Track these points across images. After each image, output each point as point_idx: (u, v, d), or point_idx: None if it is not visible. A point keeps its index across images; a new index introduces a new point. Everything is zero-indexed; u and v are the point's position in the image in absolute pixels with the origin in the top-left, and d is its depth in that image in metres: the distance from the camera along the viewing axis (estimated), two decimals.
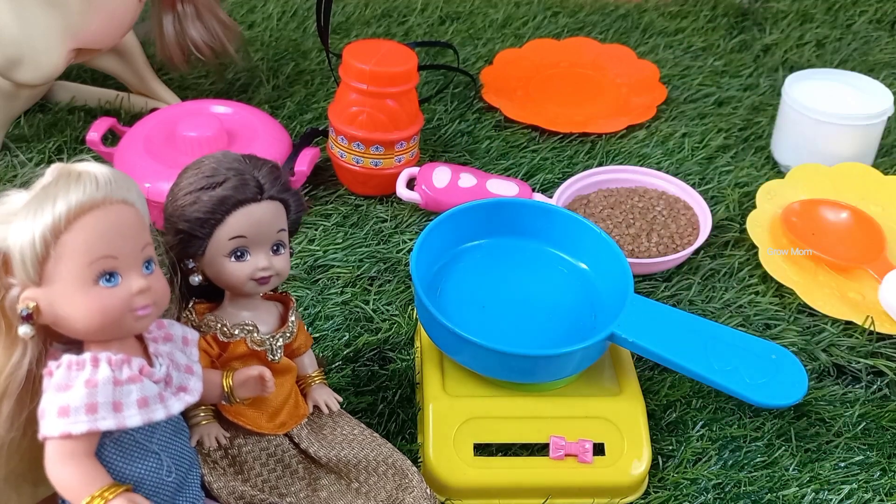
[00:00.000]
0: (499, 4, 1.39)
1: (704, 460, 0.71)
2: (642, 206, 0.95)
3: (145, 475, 0.52)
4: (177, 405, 0.52)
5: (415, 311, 0.82)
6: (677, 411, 0.75)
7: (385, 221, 0.95)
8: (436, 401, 0.69)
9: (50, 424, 0.48)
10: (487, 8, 1.38)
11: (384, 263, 0.89)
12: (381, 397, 0.74)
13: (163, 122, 0.96)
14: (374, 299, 0.85)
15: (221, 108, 0.99)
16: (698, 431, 0.73)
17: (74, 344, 0.51)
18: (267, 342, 0.62)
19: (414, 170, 0.96)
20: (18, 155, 1.01)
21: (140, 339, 0.53)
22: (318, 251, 0.90)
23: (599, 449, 0.68)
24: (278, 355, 0.63)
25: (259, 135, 0.95)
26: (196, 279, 0.60)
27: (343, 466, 0.64)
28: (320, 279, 0.87)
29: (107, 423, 0.48)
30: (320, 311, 0.83)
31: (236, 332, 0.61)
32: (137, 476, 0.51)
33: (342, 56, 0.93)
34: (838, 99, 1.01)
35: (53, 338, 0.52)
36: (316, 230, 0.93)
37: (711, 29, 1.33)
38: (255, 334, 0.61)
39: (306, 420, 0.65)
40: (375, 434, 0.66)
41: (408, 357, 0.78)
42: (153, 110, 1.04)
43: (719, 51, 1.28)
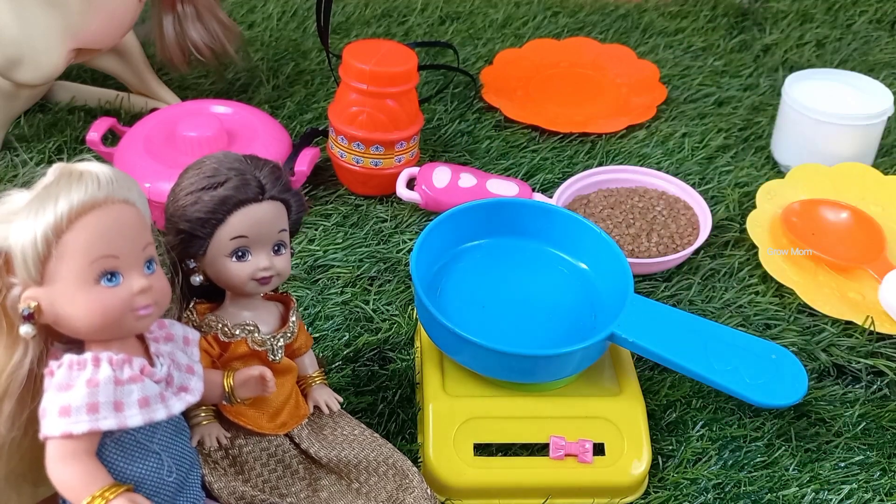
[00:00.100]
0: (499, 4, 1.39)
1: (704, 460, 0.71)
2: (642, 206, 0.95)
3: (146, 475, 0.52)
4: (178, 405, 0.52)
5: (415, 311, 0.82)
6: (677, 411, 0.75)
7: (385, 221, 0.95)
8: (436, 401, 0.69)
9: (51, 424, 0.48)
10: (487, 8, 1.38)
11: (384, 263, 0.89)
12: (381, 397, 0.74)
13: (163, 122, 0.96)
14: (374, 299, 0.85)
15: (221, 108, 0.99)
16: (698, 431, 0.73)
17: (75, 344, 0.51)
18: (268, 342, 0.62)
19: (414, 170, 0.96)
20: (19, 154, 1.01)
21: (141, 339, 0.53)
22: (318, 251, 0.90)
23: (599, 449, 0.68)
24: (279, 355, 0.63)
25: (259, 135, 0.95)
26: (197, 279, 0.60)
27: (343, 467, 0.64)
28: (320, 279, 0.87)
29: (108, 423, 0.48)
30: (320, 311, 0.83)
31: (237, 333, 0.61)
32: (138, 476, 0.51)
33: (342, 56, 0.93)
34: (838, 99, 1.01)
35: (55, 337, 0.51)
36: (316, 230, 0.93)
37: (711, 29, 1.33)
38: (256, 334, 0.61)
39: (307, 420, 0.65)
40: (376, 434, 0.66)
41: (408, 357, 0.78)
42: (153, 110, 1.04)
43: (719, 51, 1.28)
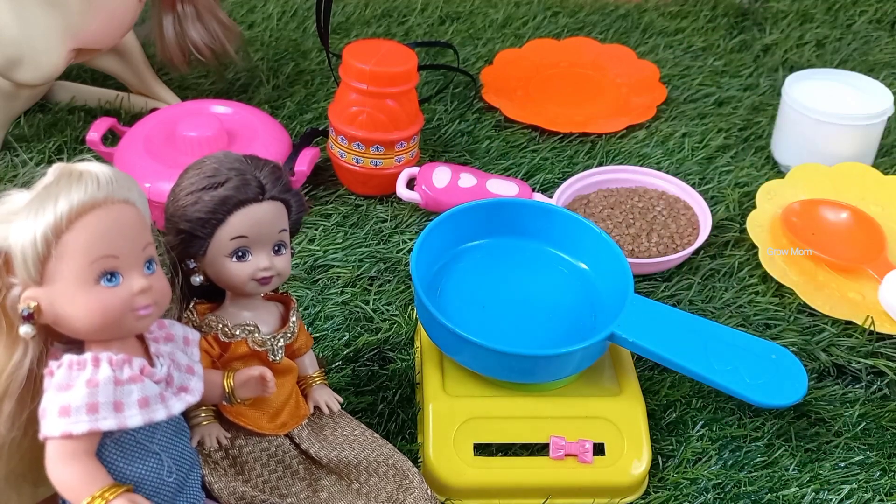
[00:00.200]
0: (499, 4, 1.39)
1: (704, 460, 0.71)
2: (642, 206, 0.95)
3: (146, 475, 0.51)
4: (178, 405, 0.52)
5: (415, 311, 0.82)
6: (677, 411, 0.75)
7: (385, 221, 0.95)
8: (436, 401, 0.69)
9: (51, 424, 0.48)
10: (487, 8, 1.38)
11: (384, 263, 0.89)
12: (381, 397, 0.74)
13: (163, 122, 0.96)
14: (374, 299, 0.85)
15: (221, 108, 0.99)
16: (698, 431, 0.73)
17: (75, 344, 0.51)
18: (268, 342, 0.62)
19: (414, 170, 0.96)
20: (19, 154, 1.01)
21: (141, 340, 0.53)
22: (318, 251, 0.90)
23: (599, 449, 0.68)
24: (279, 356, 0.63)
25: (259, 135, 0.95)
26: (197, 279, 0.60)
27: (343, 467, 0.64)
28: (320, 279, 0.87)
29: (108, 423, 0.48)
30: (320, 311, 0.83)
31: (237, 333, 0.61)
32: (138, 476, 0.51)
33: (342, 56, 0.93)
34: (838, 99, 1.01)
35: (54, 338, 0.51)
36: (316, 230, 0.93)
37: (711, 29, 1.33)
38: (257, 334, 0.61)
39: (307, 421, 0.65)
40: (376, 435, 0.66)
41: (408, 357, 0.78)
42: (153, 110, 1.04)
43: (719, 51, 1.28)
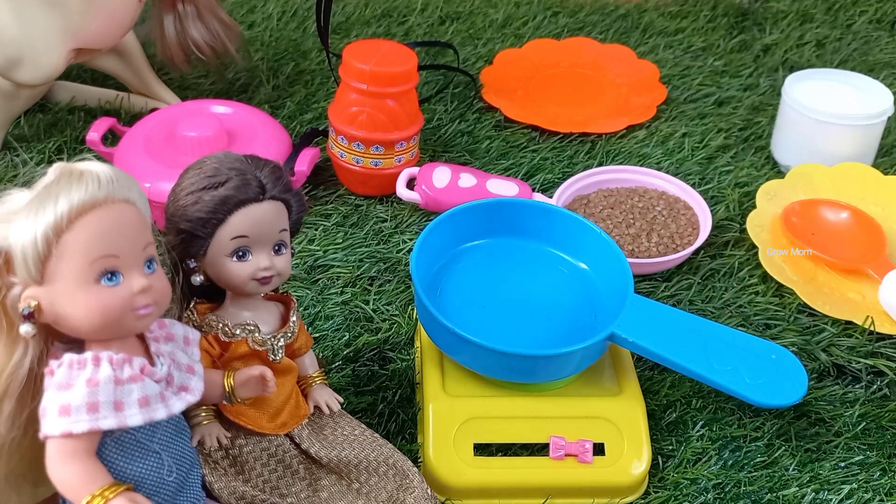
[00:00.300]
0: (499, 4, 1.39)
1: (704, 460, 0.71)
2: (642, 206, 0.95)
3: (146, 474, 0.52)
4: (178, 404, 0.52)
5: (415, 311, 0.82)
6: (677, 411, 0.75)
7: (385, 221, 0.95)
8: (436, 401, 0.69)
9: (51, 423, 0.48)
10: (487, 8, 1.38)
11: (384, 263, 0.89)
12: (381, 397, 0.74)
13: (163, 122, 0.96)
14: (374, 299, 0.85)
15: (221, 108, 0.99)
16: (698, 431, 0.73)
17: (76, 343, 0.51)
18: (268, 342, 0.62)
19: (414, 170, 0.96)
20: (19, 154, 1.01)
21: (141, 339, 0.53)
22: (318, 251, 0.90)
23: (599, 449, 0.68)
24: (279, 355, 0.63)
25: (259, 135, 0.95)
26: (198, 279, 0.60)
27: (344, 467, 0.64)
28: (320, 279, 0.87)
29: (108, 423, 0.48)
30: (320, 311, 0.83)
31: (238, 332, 0.61)
32: (138, 475, 0.51)
33: (342, 56, 0.93)
34: (838, 99, 1.01)
35: (55, 337, 0.52)
36: (316, 230, 0.93)
37: (711, 29, 1.33)
38: (257, 334, 0.61)
39: (307, 420, 0.65)
40: (376, 434, 0.66)
41: (408, 357, 0.78)
42: (153, 110, 1.04)
43: (719, 51, 1.28)
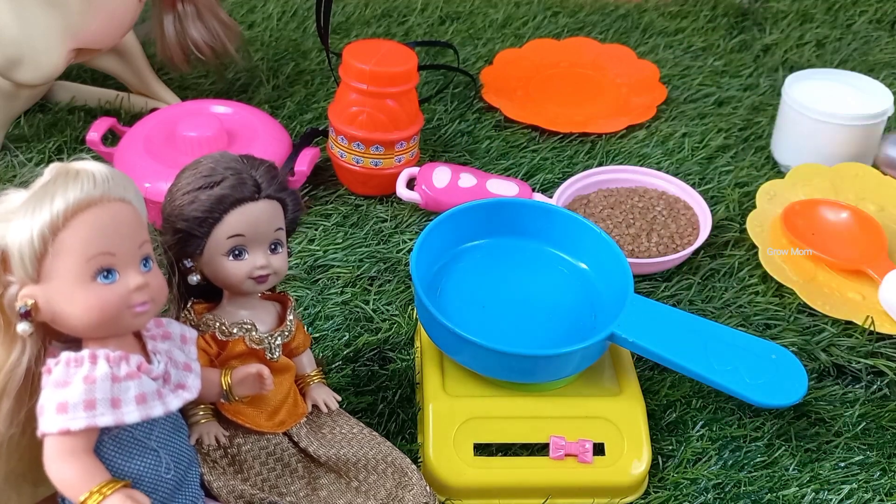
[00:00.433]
0: (499, 4, 1.39)
1: (704, 460, 0.71)
2: (642, 206, 0.95)
3: (144, 472, 0.52)
4: (175, 402, 0.52)
5: (415, 311, 0.82)
6: (677, 411, 0.75)
7: (385, 221, 0.95)
8: (436, 401, 0.69)
9: (48, 421, 0.48)
10: (487, 8, 1.38)
11: (384, 263, 0.89)
12: (381, 397, 0.74)
13: (163, 122, 0.96)
14: (374, 299, 0.85)
15: (221, 108, 0.99)
16: (698, 431, 0.73)
17: (73, 342, 0.51)
18: (265, 341, 0.62)
19: (414, 170, 0.96)
20: (18, 155, 1.01)
21: (138, 337, 0.53)
22: (318, 251, 0.90)
23: (599, 449, 0.67)
24: (277, 354, 0.63)
25: (259, 135, 0.95)
26: (194, 278, 0.60)
27: (342, 465, 0.64)
28: (320, 279, 0.87)
29: (105, 420, 0.48)
30: (320, 311, 0.83)
31: (235, 331, 0.61)
32: (136, 473, 0.51)
33: (342, 56, 0.93)
34: (838, 99, 1.01)
35: (52, 336, 0.52)
36: (316, 230, 0.93)
37: (711, 29, 1.33)
38: (254, 333, 0.61)
39: (305, 419, 0.65)
40: (374, 433, 0.66)
41: (408, 357, 0.78)
42: (153, 110, 1.04)
43: (719, 51, 1.28)
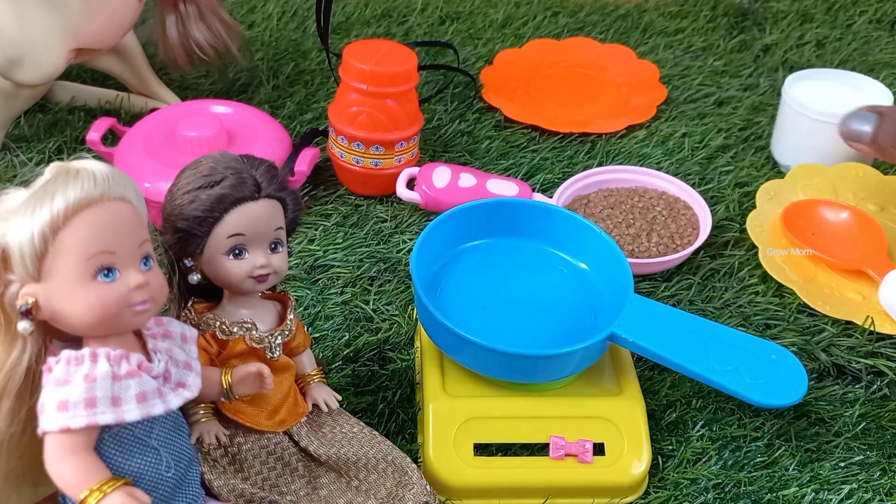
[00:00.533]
0: (499, 4, 1.39)
1: (704, 460, 0.71)
2: (642, 206, 0.95)
3: (144, 470, 0.52)
4: (175, 400, 0.52)
5: (415, 311, 0.82)
6: (677, 411, 0.75)
7: (385, 221, 0.95)
8: (436, 401, 0.69)
9: (49, 419, 0.48)
10: (487, 8, 1.38)
11: (384, 263, 0.89)
12: (381, 397, 0.74)
13: (163, 122, 0.96)
14: (374, 299, 0.85)
15: (221, 108, 0.99)
16: (698, 431, 0.73)
17: (74, 341, 0.51)
18: (265, 340, 0.62)
19: (414, 170, 0.96)
20: (19, 155, 1.01)
21: (139, 336, 0.54)
22: (318, 251, 0.90)
23: (599, 449, 0.67)
24: (277, 353, 0.63)
25: (259, 135, 0.95)
26: (195, 278, 0.60)
27: (343, 464, 0.64)
28: (320, 279, 0.87)
29: (105, 418, 0.48)
30: (320, 311, 0.83)
31: (235, 330, 0.61)
32: (136, 471, 0.51)
33: (342, 56, 0.93)
34: (838, 99, 1.01)
35: (53, 335, 0.52)
36: (316, 230, 0.93)
37: (711, 29, 1.33)
38: (254, 332, 0.62)
39: (306, 418, 0.65)
40: (374, 432, 0.66)
41: (408, 357, 0.78)
42: (153, 110, 1.04)
43: (719, 51, 1.28)
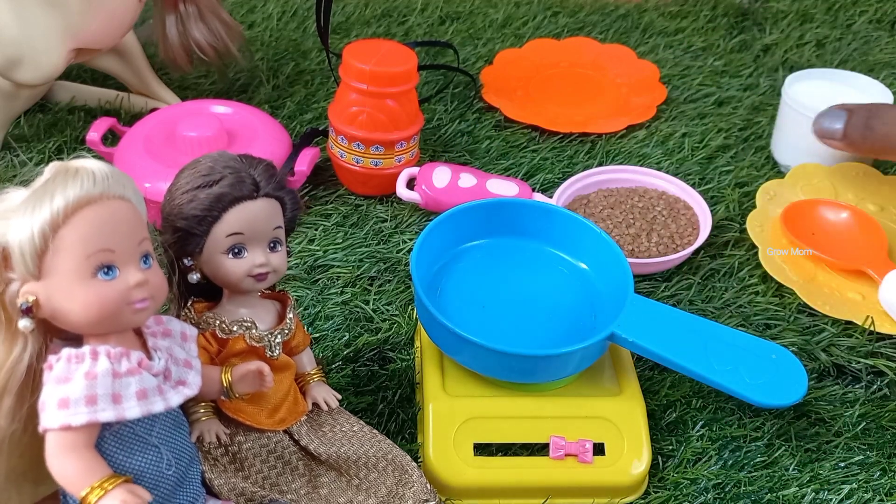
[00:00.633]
0: (499, 4, 1.39)
1: (704, 460, 0.71)
2: (642, 206, 0.95)
3: (145, 468, 0.52)
4: (176, 398, 0.53)
5: (415, 311, 0.82)
6: (677, 411, 0.75)
7: (385, 221, 0.95)
8: (436, 401, 0.69)
9: (50, 416, 0.48)
10: (487, 8, 1.38)
11: (384, 263, 0.89)
12: (381, 397, 0.74)
13: (163, 122, 0.96)
14: (374, 299, 0.85)
15: (221, 108, 0.99)
16: (698, 431, 0.73)
17: (74, 339, 0.51)
18: (265, 339, 0.62)
19: (414, 170, 0.96)
20: (19, 154, 1.01)
21: (139, 334, 0.54)
22: (318, 251, 0.90)
23: (599, 449, 0.67)
24: (277, 351, 0.63)
25: (259, 135, 0.95)
26: (194, 277, 0.60)
27: (343, 463, 0.64)
28: (320, 279, 0.87)
29: (106, 415, 0.49)
30: (320, 311, 0.83)
31: (235, 329, 0.61)
32: (137, 469, 0.51)
33: (342, 56, 0.93)
34: (838, 99, 1.01)
35: (53, 333, 0.52)
36: (316, 230, 0.93)
37: (711, 29, 1.33)
38: (254, 331, 0.62)
39: (306, 417, 0.65)
40: (374, 431, 0.66)
41: (408, 357, 0.78)
42: (153, 110, 1.04)
43: (719, 51, 1.28)
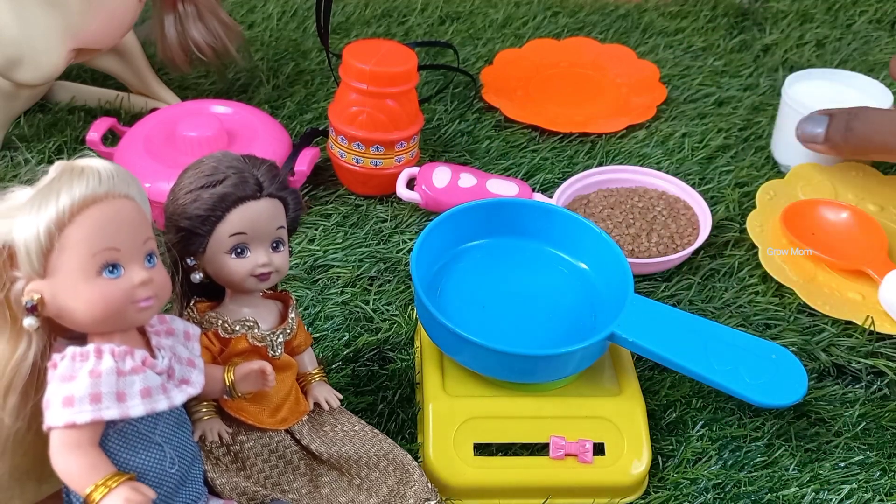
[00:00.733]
0: (499, 4, 1.39)
1: (704, 460, 0.71)
2: (642, 206, 0.95)
3: (149, 466, 0.52)
4: (179, 397, 0.53)
5: (415, 311, 0.82)
6: (677, 411, 0.75)
7: (385, 221, 0.95)
8: (436, 401, 0.69)
9: (55, 414, 0.48)
10: (487, 8, 1.38)
11: (384, 263, 0.89)
12: (381, 397, 0.74)
13: (163, 122, 0.96)
14: (374, 299, 0.85)
15: (221, 108, 0.99)
16: (698, 431, 0.73)
17: (79, 338, 0.52)
18: (267, 338, 0.62)
19: (414, 170, 0.96)
20: (19, 154, 1.01)
21: (142, 333, 0.54)
22: (318, 251, 0.90)
23: (599, 449, 0.68)
24: (279, 351, 0.63)
25: (259, 135, 0.95)
26: (197, 277, 0.60)
27: (344, 462, 0.64)
28: (320, 279, 0.87)
29: (111, 413, 0.49)
30: (320, 311, 0.83)
31: (237, 329, 0.61)
32: (141, 467, 0.52)
33: (342, 56, 0.93)
34: (838, 99, 1.01)
35: (58, 332, 0.52)
36: (316, 230, 0.93)
37: (711, 29, 1.33)
38: (256, 330, 0.62)
39: (307, 417, 0.66)
40: (375, 430, 0.66)
41: (408, 357, 0.78)
42: (153, 110, 1.04)
43: (719, 51, 1.28)
